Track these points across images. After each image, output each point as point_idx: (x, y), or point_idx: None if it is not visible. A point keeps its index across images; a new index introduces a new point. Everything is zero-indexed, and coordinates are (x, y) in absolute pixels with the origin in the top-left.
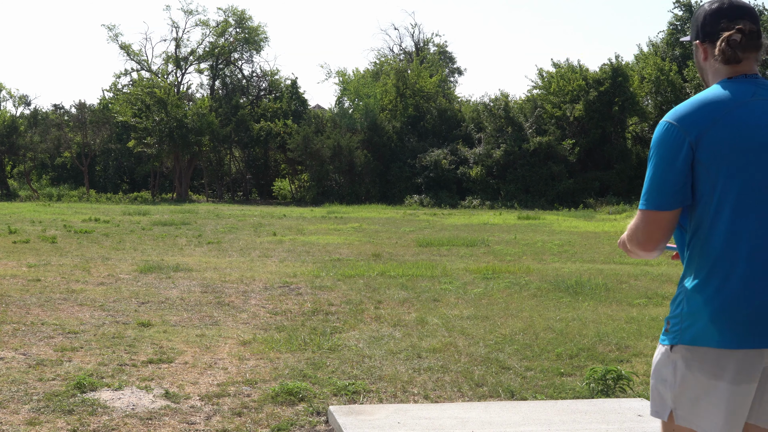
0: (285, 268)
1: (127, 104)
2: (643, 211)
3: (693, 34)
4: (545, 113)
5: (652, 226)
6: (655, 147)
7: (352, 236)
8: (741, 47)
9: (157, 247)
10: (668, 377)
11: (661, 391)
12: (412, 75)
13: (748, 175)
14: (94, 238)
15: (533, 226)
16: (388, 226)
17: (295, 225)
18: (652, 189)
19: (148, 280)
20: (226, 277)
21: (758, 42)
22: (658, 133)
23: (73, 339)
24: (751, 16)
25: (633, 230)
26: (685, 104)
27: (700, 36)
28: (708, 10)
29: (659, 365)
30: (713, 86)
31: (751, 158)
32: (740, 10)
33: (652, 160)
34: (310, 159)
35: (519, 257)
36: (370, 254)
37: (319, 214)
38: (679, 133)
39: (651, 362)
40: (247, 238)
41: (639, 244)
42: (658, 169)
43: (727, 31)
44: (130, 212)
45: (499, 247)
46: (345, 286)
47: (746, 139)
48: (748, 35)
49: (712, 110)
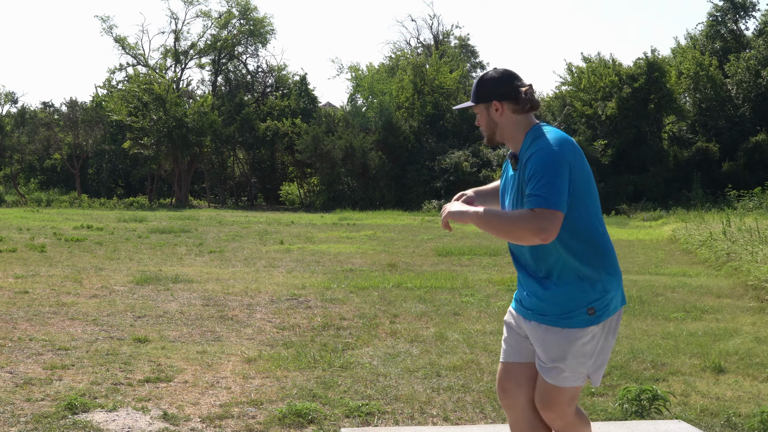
0: (293, 280)
1: (122, 102)
2: (554, 212)
3: (497, 95)
4: (575, 111)
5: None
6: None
7: (366, 245)
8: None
9: (154, 256)
10: (589, 350)
11: (581, 366)
12: (431, 70)
13: (595, 191)
14: (86, 247)
15: None
16: (404, 234)
17: (304, 232)
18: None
19: (144, 292)
20: (229, 289)
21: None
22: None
23: (63, 356)
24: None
25: (540, 224)
26: (561, 138)
27: (501, 96)
28: (506, 77)
29: (581, 347)
30: (552, 128)
31: (591, 178)
32: (516, 74)
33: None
34: (321, 161)
35: None
36: (385, 264)
37: (330, 221)
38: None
39: (689, 381)
40: (252, 247)
41: (545, 237)
42: (563, 181)
43: (524, 87)
44: (125, 219)
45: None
46: (358, 298)
47: (586, 164)
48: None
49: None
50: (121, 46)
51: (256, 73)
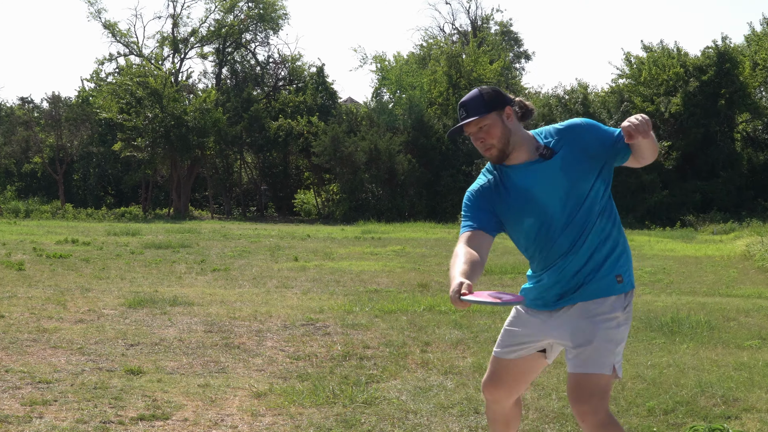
0: (309, 302)
1: (112, 97)
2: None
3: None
4: (634, 108)
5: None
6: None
7: (393, 262)
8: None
9: (149, 275)
10: (625, 336)
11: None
12: (468, 61)
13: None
14: (71, 264)
15: None
16: (437, 250)
17: (321, 248)
18: None
19: (138, 316)
20: (235, 313)
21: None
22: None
23: (45, 390)
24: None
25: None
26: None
27: (508, 101)
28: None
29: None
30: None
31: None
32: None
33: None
34: (341, 165)
35: None
36: (416, 284)
37: (352, 235)
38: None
39: (766, 419)
40: (262, 265)
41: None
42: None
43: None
44: (116, 232)
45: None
46: (384, 324)
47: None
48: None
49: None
50: (111, 33)
51: (266, 64)
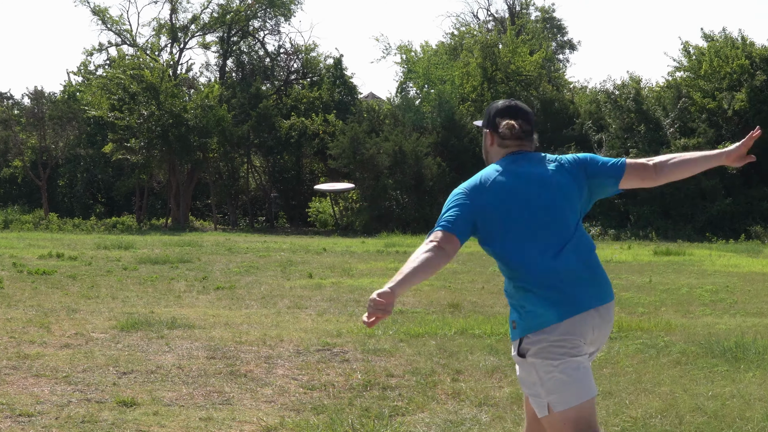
0: (325, 324)
1: (102, 93)
2: None
3: (485, 123)
4: (693, 105)
5: None
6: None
7: None
8: (515, 136)
9: (144, 293)
10: (531, 378)
11: (544, 394)
12: (505, 51)
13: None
14: (55, 282)
15: (676, 264)
16: (470, 265)
17: (339, 263)
18: None
19: (131, 340)
20: (242, 337)
21: (527, 134)
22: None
23: (26, 424)
24: (524, 115)
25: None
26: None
27: (488, 125)
28: (493, 109)
29: (525, 376)
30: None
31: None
32: (514, 110)
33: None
34: (361, 170)
35: (655, 308)
36: (446, 304)
37: (374, 248)
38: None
39: None
40: (272, 282)
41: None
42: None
43: (504, 123)
44: (106, 245)
45: (628, 295)
46: (410, 349)
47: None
48: (522, 127)
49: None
50: (100, 20)
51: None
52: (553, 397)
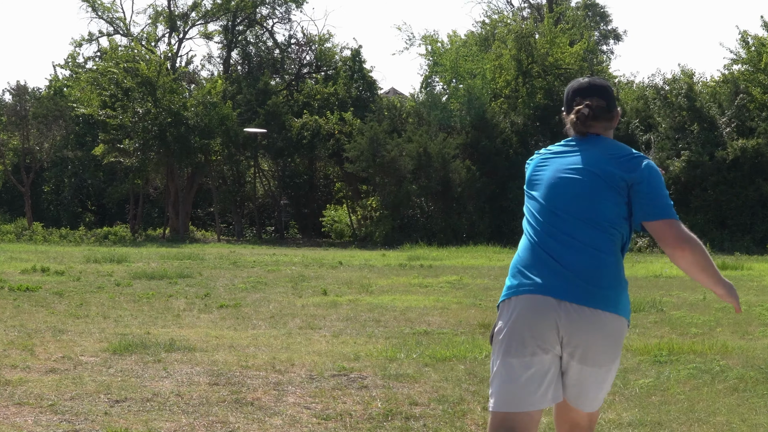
0: (341, 347)
1: (92, 88)
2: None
3: (564, 106)
4: (752, 102)
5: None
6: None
7: (448, 296)
8: (590, 119)
9: (139, 312)
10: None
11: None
12: (542, 42)
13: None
14: (40, 299)
15: (733, 279)
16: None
17: (357, 278)
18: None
19: (125, 364)
20: (248, 361)
21: (605, 114)
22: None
23: None
24: (602, 93)
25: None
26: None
27: (565, 108)
28: (569, 89)
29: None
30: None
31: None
32: (592, 89)
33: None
34: (382, 174)
35: (710, 329)
36: (476, 324)
37: (396, 261)
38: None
39: None
40: (282, 300)
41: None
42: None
43: (578, 106)
44: (97, 258)
45: (679, 314)
46: (436, 374)
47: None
48: (595, 110)
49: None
50: (90, 7)
51: (287, 47)
52: (491, 391)
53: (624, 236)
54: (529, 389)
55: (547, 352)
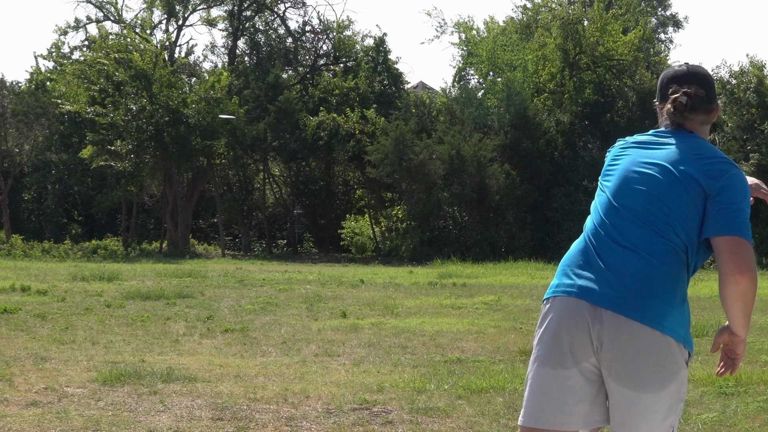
0: (363, 377)
1: (79, 82)
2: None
3: (657, 96)
4: None
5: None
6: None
7: (484, 318)
8: (687, 109)
9: (133, 337)
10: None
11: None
12: (592, 29)
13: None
14: (19, 323)
15: None
16: None
17: (381, 298)
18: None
19: (116, 397)
20: (257, 393)
21: (704, 106)
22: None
23: None
24: (702, 81)
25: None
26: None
27: (659, 98)
28: (665, 76)
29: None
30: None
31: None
32: (691, 76)
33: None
34: (409, 180)
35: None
36: (516, 351)
37: (425, 279)
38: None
39: None
40: (296, 323)
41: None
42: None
43: (675, 94)
44: (84, 276)
45: (748, 339)
46: (471, 407)
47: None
48: (694, 99)
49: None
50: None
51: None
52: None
53: (690, 251)
54: (560, 405)
55: (579, 364)
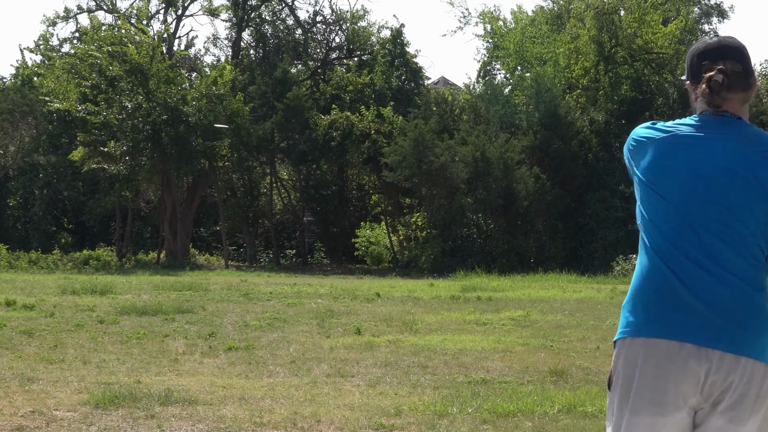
0: (379, 399)
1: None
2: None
3: (686, 73)
4: None
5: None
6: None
7: (511, 335)
8: (724, 88)
9: (128, 356)
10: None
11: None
12: (629, 20)
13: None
14: (4, 340)
15: None
16: (581, 317)
17: (398, 313)
18: None
19: (110, 421)
20: (263, 417)
21: (741, 82)
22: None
23: None
24: (736, 55)
25: None
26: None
27: (689, 76)
28: (694, 51)
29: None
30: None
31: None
32: (724, 50)
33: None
34: (429, 184)
35: None
36: (546, 371)
37: (446, 293)
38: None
39: None
40: (306, 340)
41: None
42: None
43: (710, 72)
44: (75, 289)
45: None
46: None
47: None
48: (730, 76)
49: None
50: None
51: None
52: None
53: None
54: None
55: (681, 410)
